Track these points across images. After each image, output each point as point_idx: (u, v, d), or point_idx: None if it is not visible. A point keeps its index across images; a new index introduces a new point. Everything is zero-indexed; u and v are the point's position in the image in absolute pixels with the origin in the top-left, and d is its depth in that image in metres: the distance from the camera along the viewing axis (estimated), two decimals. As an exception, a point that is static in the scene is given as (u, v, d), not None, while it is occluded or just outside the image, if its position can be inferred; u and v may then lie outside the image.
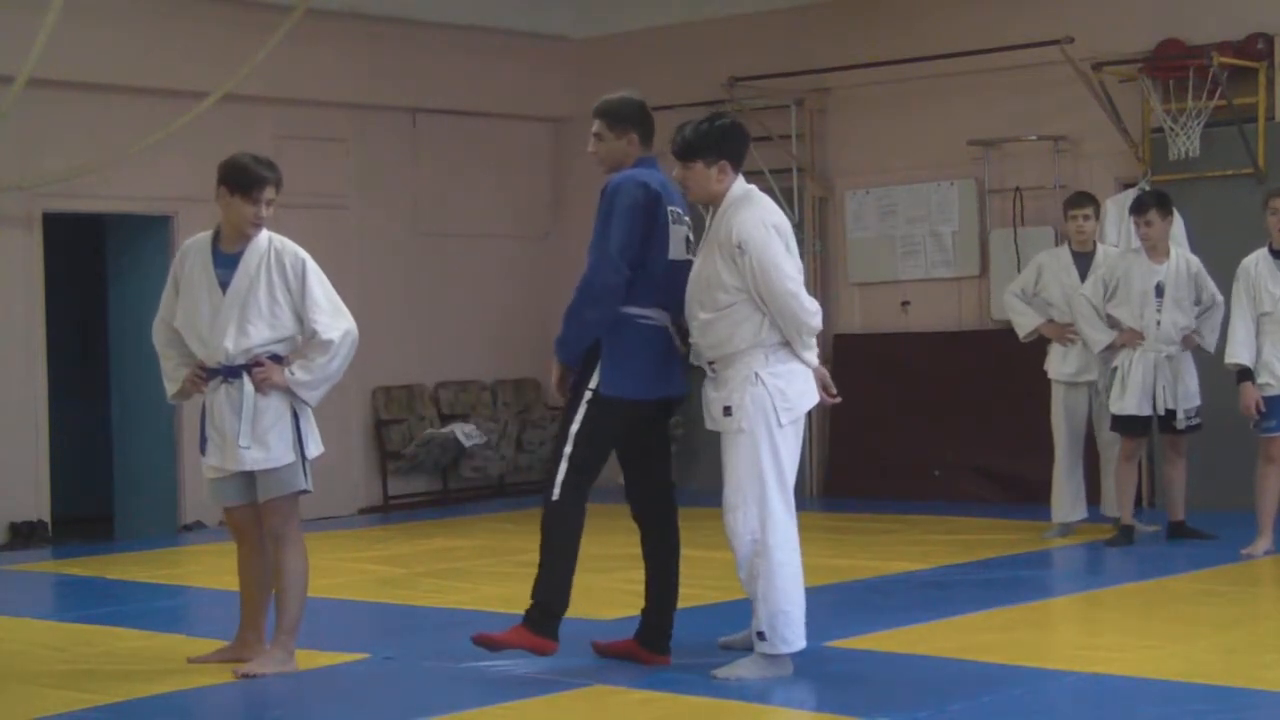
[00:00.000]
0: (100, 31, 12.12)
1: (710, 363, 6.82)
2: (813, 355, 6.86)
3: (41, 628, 8.47)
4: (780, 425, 6.68)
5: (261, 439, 6.93)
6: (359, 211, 13.90)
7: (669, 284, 6.89)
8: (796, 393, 6.75)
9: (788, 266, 6.69)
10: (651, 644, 7.05)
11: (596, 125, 7.14)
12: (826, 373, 7.01)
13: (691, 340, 6.91)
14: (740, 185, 6.86)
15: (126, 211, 12.70)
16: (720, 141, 6.83)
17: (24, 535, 12.04)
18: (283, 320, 6.96)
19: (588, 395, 6.82)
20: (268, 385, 6.91)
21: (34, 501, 12.21)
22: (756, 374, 6.69)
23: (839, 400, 7.13)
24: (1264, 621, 7.89)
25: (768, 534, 6.66)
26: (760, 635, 6.70)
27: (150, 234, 12.80)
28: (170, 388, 7.25)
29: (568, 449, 6.81)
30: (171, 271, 7.26)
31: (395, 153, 14.12)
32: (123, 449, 13.07)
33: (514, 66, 14.75)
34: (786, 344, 6.77)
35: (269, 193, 7.01)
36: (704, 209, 6.99)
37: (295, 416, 6.99)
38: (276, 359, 6.95)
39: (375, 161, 14.00)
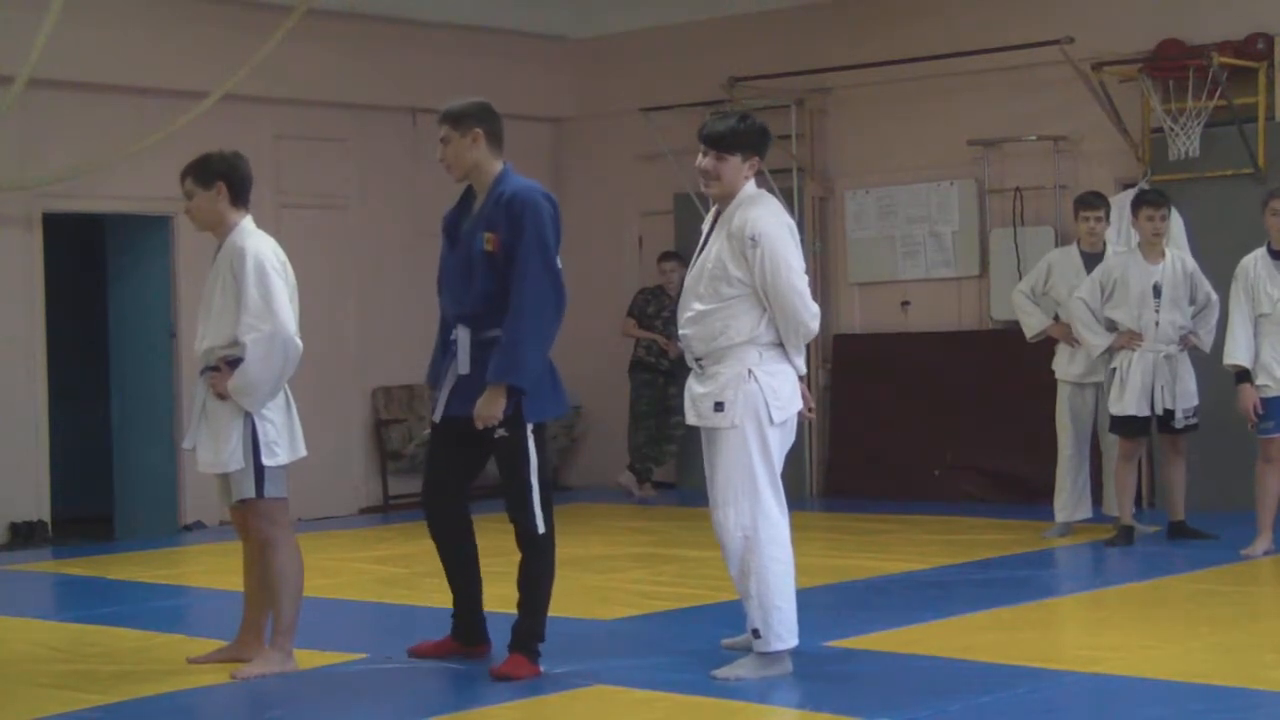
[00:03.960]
0: (100, 31, 12.11)
1: (699, 359, 6.80)
2: (801, 361, 6.84)
3: (41, 628, 8.47)
4: (772, 423, 6.68)
5: (212, 443, 6.94)
6: (359, 211, 13.90)
7: None
8: (787, 393, 6.74)
9: (798, 264, 6.71)
10: (468, 638, 7.18)
11: (442, 130, 7.13)
12: (806, 389, 6.98)
13: (681, 333, 6.90)
14: (753, 185, 6.91)
15: (126, 211, 12.69)
16: (759, 139, 6.92)
17: (24, 535, 12.04)
18: (229, 320, 6.91)
19: (529, 429, 6.86)
20: (215, 391, 6.93)
21: (34, 501, 12.21)
22: (750, 371, 6.68)
23: (813, 416, 7.16)
24: (1264, 621, 7.90)
25: (760, 530, 6.66)
26: (755, 633, 6.71)
27: (150, 234, 12.80)
28: None
29: (535, 488, 6.87)
30: None
31: (395, 153, 14.11)
32: (123, 449, 13.06)
33: (514, 66, 14.73)
34: (779, 345, 6.74)
35: (184, 185, 7.10)
36: (701, 203, 7.04)
37: (253, 423, 6.91)
38: (239, 363, 6.92)
39: (375, 161, 14.00)
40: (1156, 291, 10.13)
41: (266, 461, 6.91)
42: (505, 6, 14.42)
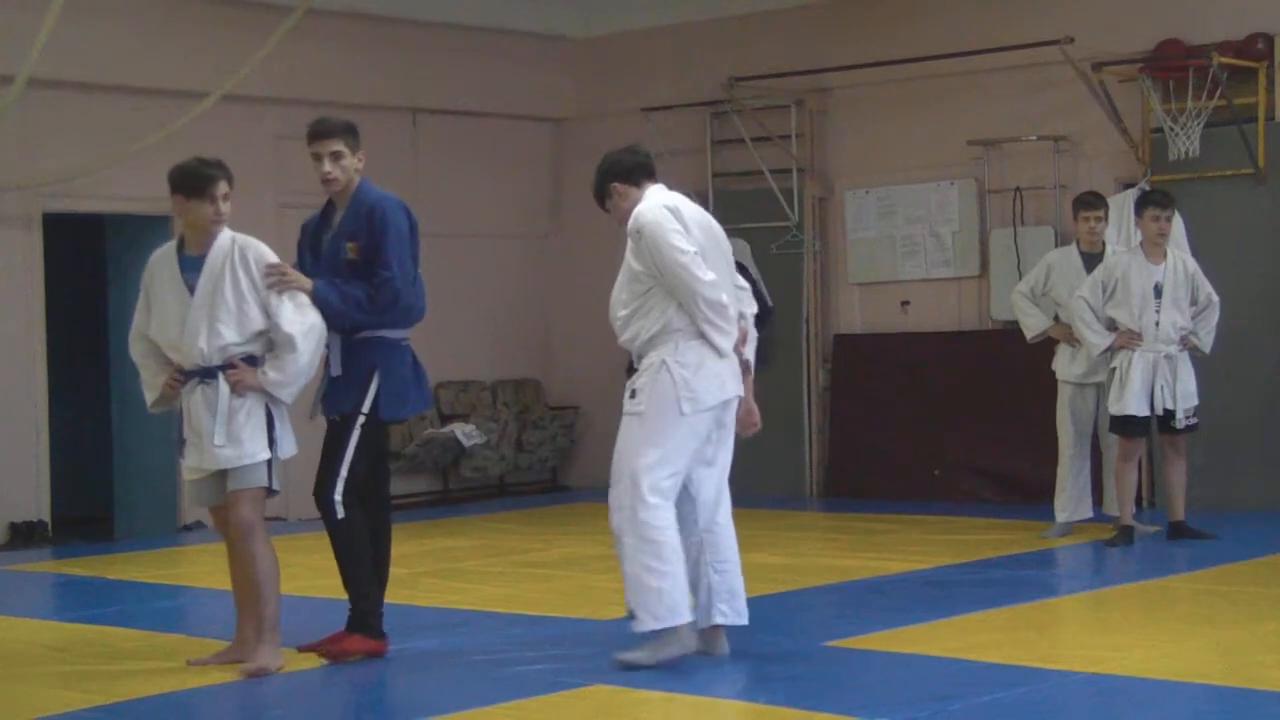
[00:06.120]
0: (100, 31, 12.12)
1: (633, 363, 7.01)
2: (725, 341, 6.91)
3: (41, 628, 8.48)
4: (682, 413, 6.81)
5: (235, 437, 6.98)
6: (359, 211, 13.88)
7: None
8: (703, 385, 6.85)
9: (678, 240, 6.84)
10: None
11: (337, 145, 7.33)
12: (752, 404, 7.13)
13: (620, 341, 7.09)
14: (653, 192, 7.05)
15: (126, 211, 12.69)
16: (603, 178, 7.13)
17: (24, 535, 12.05)
18: (251, 317, 6.98)
19: (361, 419, 7.20)
20: (241, 387, 6.96)
21: (34, 501, 12.21)
22: (664, 361, 6.85)
23: (756, 429, 7.18)
24: (1264, 621, 7.89)
25: (638, 512, 6.79)
26: (631, 615, 6.83)
27: (150, 234, 12.76)
28: (150, 395, 7.29)
29: (344, 471, 7.18)
30: (142, 284, 7.30)
31: (395, 153, 14.10)
32: (123, 449, 13.06)
33: (514, 66, 14.74)
34: (700, 336, 6.86)
35: (222, 188, 7.09)
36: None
37: (270, 416, 7.03)
38: (252, 360, 6.99)
39: (375, 161, 13.86)
40: (1158, 291, 10.13)
41: (283, 454, 7.07)
42: (505, 6, 14.43)
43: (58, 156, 12.03)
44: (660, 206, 6.93)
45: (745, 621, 7.11)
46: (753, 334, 7.24)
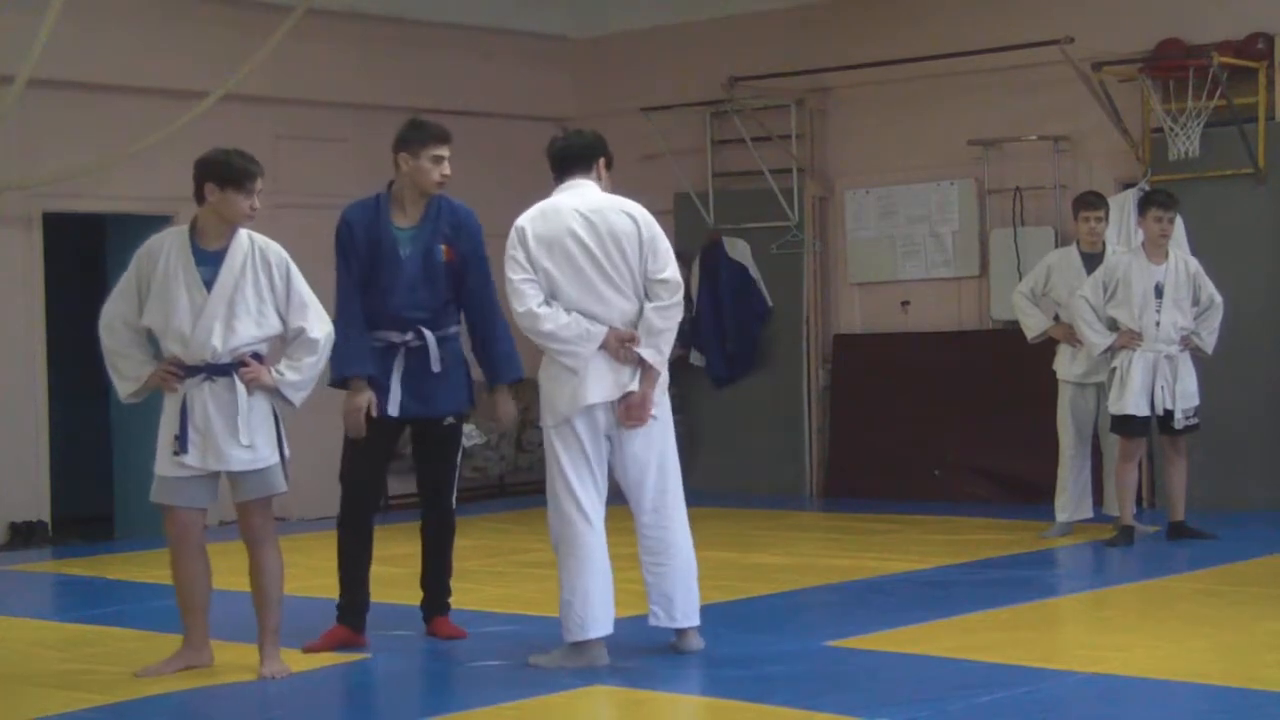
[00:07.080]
0: (100, 31, 12.12)
1: None
2: (569, 359, 6.98)
3: (41, 628, 8.48)
4: (548, 424, 7.03)
5: (249, 439, 6.91)
6: (359, 211, 13.88)
7: None
8: (558, 395, 7.01)
9: (509, 268, 7.11)
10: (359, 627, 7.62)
11: (448, 150, 7.72)
12: (643, 386, 7.03)
13: None
14: (555, 192, 7.38)
15: (126, 211, 12.68)
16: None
17: (24, 535, 12.04)
18: (269, 319, 6.95)
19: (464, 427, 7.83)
20: (255, 385, 6.90)
21: (34, 501, 12.21)
22: (538, 378, 7.12)
23: (636, 424, 7.06)
24: (1264, 621, 7.89)
25: (556, 527, 7.02)
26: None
27: (150, 234, 12.72)
28: (127, 387, 7.14)
29: (456, 474, 7.90)
30: (134, 270, 7.15)
31: (396, 153, 14.08)
32: (123, 449, 13.05)
33: (514, 66, 14.74)
34: None
35: (259, 183, 7.04)
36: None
37: (276, 417, 7.00)
38: (258, 358, 6.95)
39: (375, 161, 13.91)
40: (1158, 292, 10.13)
41: (286, 454, 7.06)
42: (505, 6, 14.43)
43: (58, 156, 12.03)
44: (514, 228, 7.16)
45: (686, 624, 7.15)
46: (652, 329, 7.03)
